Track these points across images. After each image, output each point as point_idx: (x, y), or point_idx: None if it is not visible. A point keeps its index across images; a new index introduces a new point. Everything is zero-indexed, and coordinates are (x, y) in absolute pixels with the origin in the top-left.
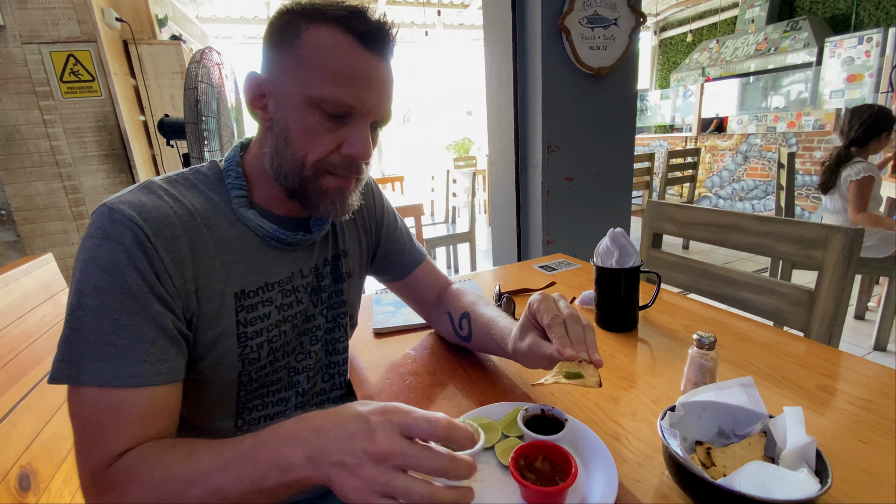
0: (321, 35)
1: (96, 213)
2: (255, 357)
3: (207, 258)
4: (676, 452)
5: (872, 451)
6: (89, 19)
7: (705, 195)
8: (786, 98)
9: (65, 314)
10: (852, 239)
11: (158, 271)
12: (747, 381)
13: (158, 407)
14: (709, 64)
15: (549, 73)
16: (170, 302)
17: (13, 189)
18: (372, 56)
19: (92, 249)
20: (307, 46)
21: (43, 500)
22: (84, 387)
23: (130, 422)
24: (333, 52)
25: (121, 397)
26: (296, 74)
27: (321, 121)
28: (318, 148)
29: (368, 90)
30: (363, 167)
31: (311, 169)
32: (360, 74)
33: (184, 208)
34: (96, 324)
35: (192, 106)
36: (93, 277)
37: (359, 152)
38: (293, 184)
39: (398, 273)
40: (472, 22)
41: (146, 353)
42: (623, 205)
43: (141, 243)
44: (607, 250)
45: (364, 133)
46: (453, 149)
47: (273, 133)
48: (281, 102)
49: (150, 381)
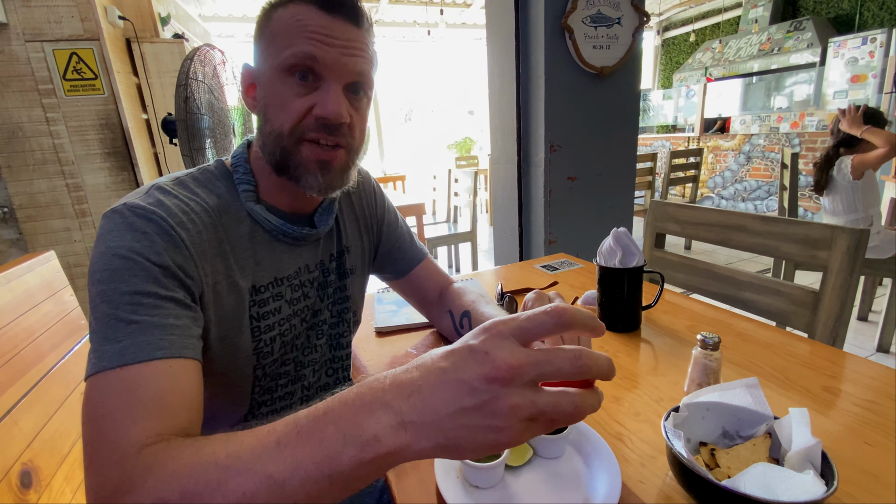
0: (286, 12)
1: (114, 213)
2: (269, 351)
3: (223, 253)
4: (681, 453)
5: (878, 453)
6: (92, 17)
7: (707, 195)
8: (789, 98)
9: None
10: (858, 239)
11: (183, 258)
12: (752, 381)
13: (182, 386)
14: (712, 64)
15: (551, 72)
16: (191, 288)
17: (15, 187)
18: (333, 17)
19: (112, 241)
20: (274, 25)
21: (44, 498)
22: (103, 373)
23: (153, 398)
24: (294, 20)
25: (141, 373)
26: (268, 53)
27: (292, 87)
28: (292, 113)
29: (330, 45)
30: (342, 132)
31: (289, 137)
32: (321, 31)
33: (199, 205)
34: (117, 307)
35: (181, 103)
36: (111, 265)
37: (329, 111)
38: (276, 157)
39: (399, 270)
40: (474, 21)
41: (171, 326)
42: (625, 205)
43: (166, 232)
44: (610, 250)
45: (334, 93)
46: (454, 148)
47: (261, 117)
48: (262, 84)
49: (179, 352)
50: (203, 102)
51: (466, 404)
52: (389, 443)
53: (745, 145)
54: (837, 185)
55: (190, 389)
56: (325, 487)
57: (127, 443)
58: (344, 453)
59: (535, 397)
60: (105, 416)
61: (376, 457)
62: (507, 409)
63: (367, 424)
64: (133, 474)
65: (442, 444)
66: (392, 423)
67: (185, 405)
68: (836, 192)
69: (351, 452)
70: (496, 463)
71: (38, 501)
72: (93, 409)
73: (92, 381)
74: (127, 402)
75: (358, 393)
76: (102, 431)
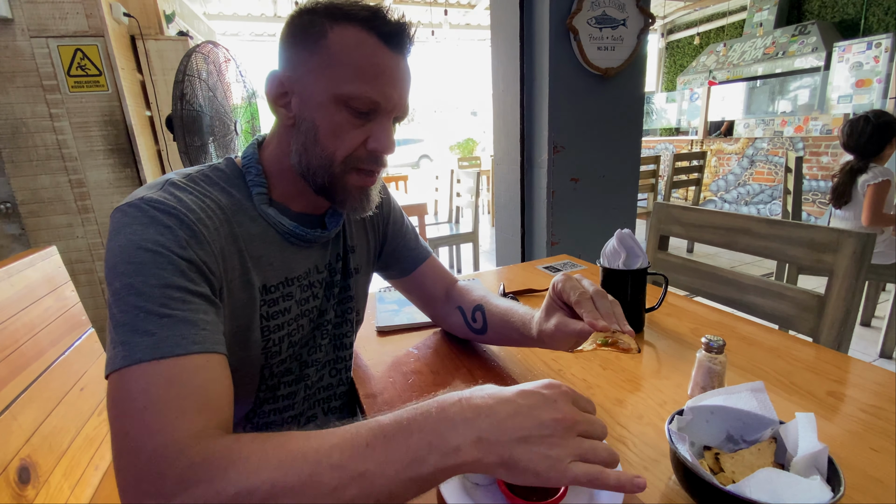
0: (347, 34)
1: (131, 207)
2: (277, 350)
3: (238, 251)
4: (685, 457)
5: (884, 459)
6: (97, 14)
7: (710, 199)
8: (793, 102)
9: (108, 307)
10: (864, 243)
11: (206, 254)
12: (758, 385)
13: (220, 381)
14: (716, 67)
15: (556, 72)
16: (214, 283)
17: (18, 182)
18: (394, 54)
19: (134, 234)
20: (333, 46)
21: (42, 494)
22: (138, 365)
23: (196, 391)
24: (360, 52)
25: (181, 366)
26: (322, 73)
27: (348, 118)
28: (347, 144)
29: (392, 87)
30: (385, 160)
31: (340, 165)
32: (385, 72)
33: (214, 203)
34: (147, 299)
35: (178, 99)
36: (137, 257)
37: (384, 147)
38: (322, 181)
39: (404, 269)
40: (478, 22)
41: (203, 321)
42: (628, 207)
43: (189, 227)
44: (614, 251)
45: (389, 128)
46: (457, 149)
47: (300, 131)
48: (306, 101)
49: (213, 347)
50: (203, 99)
51: (534, 434)
52: (466, 454)
53: (748, 149)
54: (858, 197)
55: (227, 385)
56: (406, 488)
57: (182, 434)
58: (428, 459)
59: (582, 442)
60: (147, 408)
61: (454, 465)
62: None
63: (450, 436)
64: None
65: (506, 461)
66: (471, 438)
67: (225, 400)
68: (855, 204)
69: (434, 459)
70: None
71: (36, 497)
72: (130, 402)
73: (124, 373)
74: (171, 394)
75: (440, 407)
76: (146, 424)
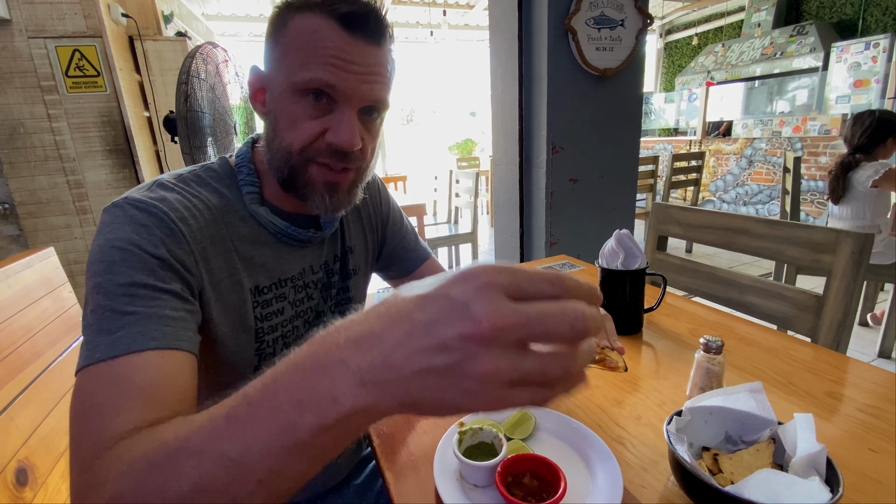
0: (304, 22)
1: (114, 207)
2: (271, 352)
3: (226, 252)
4: (684, 458)
5: (883, 459)
6: (95, 14)
7: (709, 199)
8: (791, 103)
9: None
10: (862, 243)
11: (183, 252)
12: (756, 386)
13: (173, 378)
14: (714, 68)
15: (554, 73)
16: (190, 282)
17: (16, 183)
18: (353, 38)
19: (111, 233)
20: (290, 34)
21: (40, 496)
22: (95, 365)
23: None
24: (313, 36)
25: (131, 364)
26: (282, 63)
27: (306, 108)
28: (302, 135)
29: (348, 71)
30: (353, 157)
31: (298, 157)
32: (340, 56)
33: (202, 203)
34: (112, 298)
35: (182, 100)
36: (108, 256)
37: (342, 139)
38: (283, 174)
39: (403, 269)
40: (477, 22)
41: (167, 318)
42: (627, 207)
43: (167, 225)
44: (612, 252)
45: (348, 120)
46: (455, 149)
47: (268, 125)
48: (273, 93)
49: (174, 343)
50: (204, 100)
51: (435, 363)
52: (349, 403)
53: (746, 149)
54: (854, 193)
55: (182, 382)
56: (288, 460)
57: (106, 436)
58: (302, 422)
59: (519, 361)
60: (91, 408)
61: (340, 420)
62: (483, 373)
63: (322, 386)
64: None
65: (407, 403)
66: (350, 383)
67: (175, 397)
68: (851, 199)
69: (310, 419)
70: (495, 461)
71: (34, 499)
72: (80, 404)
73: (83, 373)
74: (113, 393)
75: (310, 352)
76: (86, 426)
